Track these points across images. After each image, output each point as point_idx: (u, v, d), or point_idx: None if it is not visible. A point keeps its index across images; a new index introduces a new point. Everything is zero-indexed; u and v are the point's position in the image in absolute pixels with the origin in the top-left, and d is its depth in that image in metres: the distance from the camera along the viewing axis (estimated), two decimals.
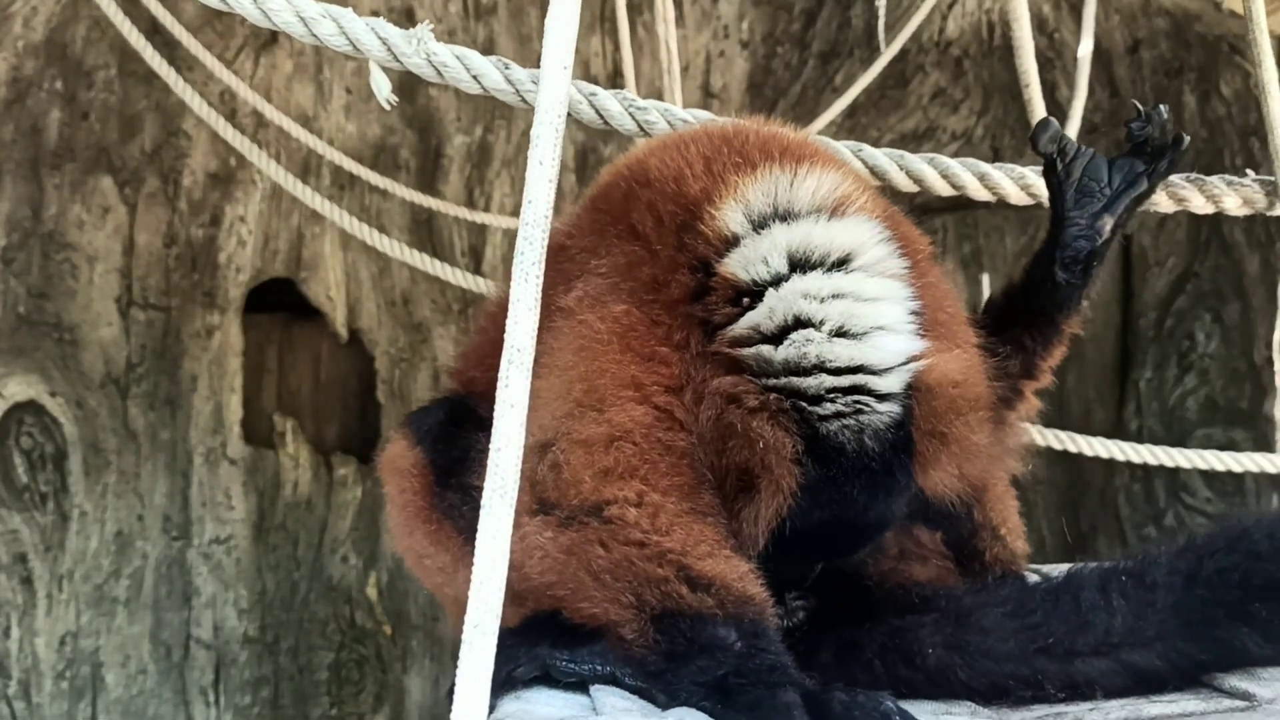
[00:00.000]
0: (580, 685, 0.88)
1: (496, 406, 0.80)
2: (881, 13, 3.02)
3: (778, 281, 0.95)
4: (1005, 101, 3.28)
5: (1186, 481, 3.09)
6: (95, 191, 3.16)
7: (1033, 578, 1.17)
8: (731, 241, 0.98)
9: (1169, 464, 2.31)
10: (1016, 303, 1.20)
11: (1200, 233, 3.12)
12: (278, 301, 3.33)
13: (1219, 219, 1.85)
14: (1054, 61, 3.20)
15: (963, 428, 0.95)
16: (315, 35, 1.05)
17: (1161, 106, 1.17)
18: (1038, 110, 2.24)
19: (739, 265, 0.97)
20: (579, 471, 0.92)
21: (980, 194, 1.28)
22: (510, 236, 3.27)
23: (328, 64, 3.23)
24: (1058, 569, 1.19)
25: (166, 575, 3.22)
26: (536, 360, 0.85)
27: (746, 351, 0.93)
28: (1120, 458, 2.38)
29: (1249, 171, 1.41)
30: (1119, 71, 3.20)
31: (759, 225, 0.97)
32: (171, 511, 3.22)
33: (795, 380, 0.92)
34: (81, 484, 3.15)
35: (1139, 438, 2.94)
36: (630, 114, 1.17)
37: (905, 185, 1.25)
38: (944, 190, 1.27)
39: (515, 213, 3.23)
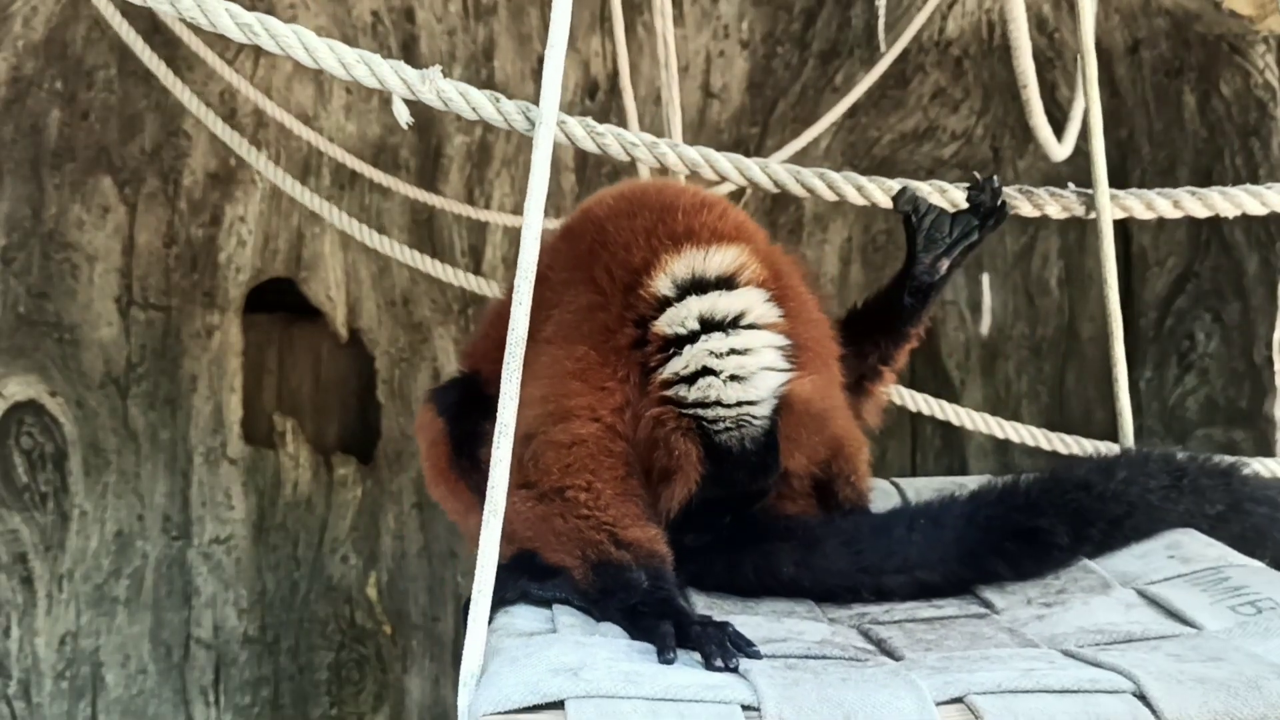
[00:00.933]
0: (547, 605, 1.31)
1: (491, 463, 1.14)
2: (882, 13, 3.02)
3: (693, 338, 1.38)
4: (1005, 101, 3.28)
5: None
6: (95, 191, 3.17)
7: (894, 496, 1.72)
8: (663, 303, 1.41)
9: None
10: (873, 315, 1.66)
11: (1200, 233, 3.12)
12: (277, 301, 3.33)
13: (1220, 220, 1.89)
14: (1054, 61, 3.20)
15: (807, 433, 1.41)
16: (352, 76, 1.38)
17: (995, 177, 1.58)
18: (1036, 110, 2.25)
19: (666, 324, 1.40)
20: (550, 465, 1.36)
21: (858, 200, 1.65)
22: (510, 235, 3.27)
23: None
24: (913, 484, 1.79)
25: (166, 575, 3.22)
26: (526, 369, 1.20)
27: (668, 391, 1.38)
28: None
29: (1070, 184, 1.81)
30: (1119, 71, 3.20)
31: (681, 294, 1.40)
32: (171, 511, 3.22)
33: (701, 411, 1.38)
34: (81, 484, 3.16)
35: (1139, 438, 2.93)
36: (591, 138, 1.48)
37: (800, 192, 1.63)
38: (830, 197, 1.65)
39: (515, 211, 3.23)
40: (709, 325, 1.38)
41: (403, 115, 1.41)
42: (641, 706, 0.97)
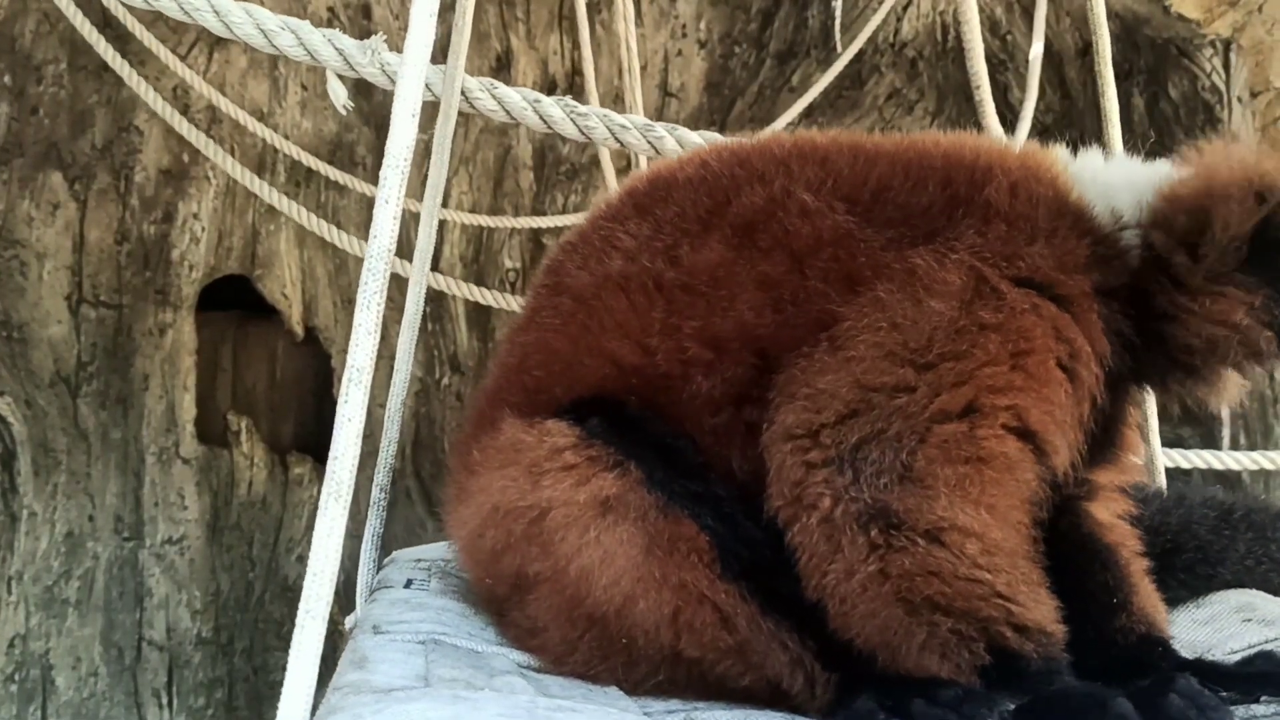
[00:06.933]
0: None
1: (336, 420, 0.83)
2: (838, 14, 3.05)
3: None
4: (959, 103, 3.32)
5: None
6: (45, 188, 3.12)
7: None
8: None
9: None
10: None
11: None
12: (232, 299, 3.30)
13: None
14: (1006, 63, 3.24)
15: None
16: (275, 46, 1.10)
17: None
18: (988, 112, 2.27)
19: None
20: (937, 486, 0.92)
21: None
22: (468, 233, 3.26)
23: (282, 60, 3.20)
24: None
25: (118, 576, 3.17)
26: (886, 313, 0.94)
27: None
28: None
29: None
30: (1070, 73, 3.25)
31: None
32: (123, 512, 3.18)
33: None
34: (31, 484, 3.10)
35: None
36: (572, 120, 1.26)
37: None
38: None
39: (474, 210, 3.22)
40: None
41: (339, 96, 1.17)
42: None
